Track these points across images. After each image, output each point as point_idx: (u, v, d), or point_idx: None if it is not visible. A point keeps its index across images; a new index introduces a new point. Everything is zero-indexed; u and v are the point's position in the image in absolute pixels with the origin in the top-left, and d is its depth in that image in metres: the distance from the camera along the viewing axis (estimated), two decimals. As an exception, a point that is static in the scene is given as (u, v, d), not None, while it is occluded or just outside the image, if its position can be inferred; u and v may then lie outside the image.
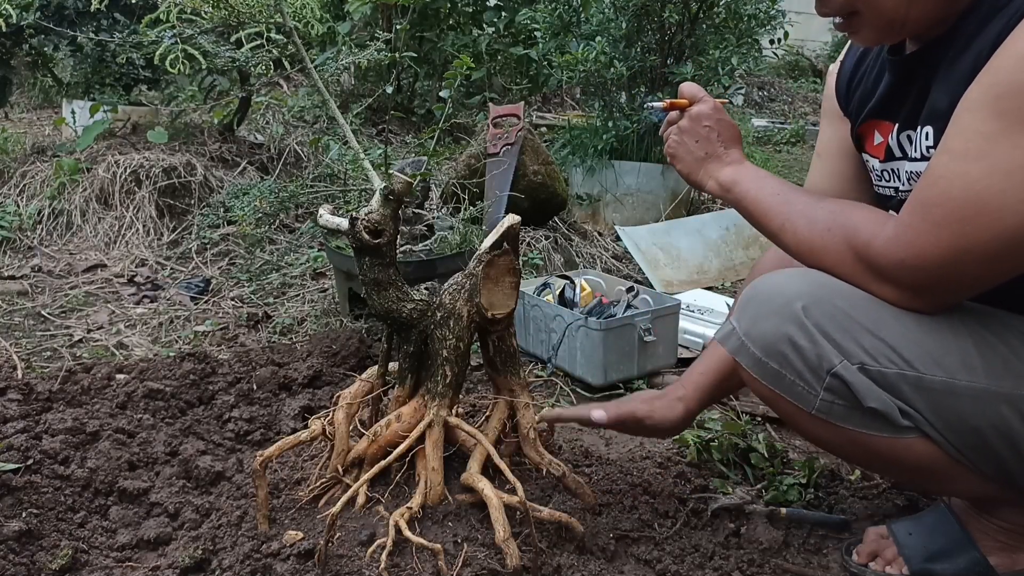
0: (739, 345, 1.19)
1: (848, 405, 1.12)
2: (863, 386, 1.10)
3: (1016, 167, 0.97)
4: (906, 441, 1.12)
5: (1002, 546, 1.25)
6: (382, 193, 1.35)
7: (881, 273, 1.09)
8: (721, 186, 1.29)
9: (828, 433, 1.17)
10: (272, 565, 1.27)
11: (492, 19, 4.76)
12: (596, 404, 1.49)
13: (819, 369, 1.11)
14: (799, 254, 1.20)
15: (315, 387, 2.01)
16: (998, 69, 1.00)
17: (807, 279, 1.17)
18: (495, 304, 1.36)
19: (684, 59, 3.47)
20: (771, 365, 1.15)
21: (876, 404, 1.10)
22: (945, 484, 1.22)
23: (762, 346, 1.16)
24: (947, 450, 1.12)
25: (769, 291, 1.19)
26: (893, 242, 1.07)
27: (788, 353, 1.13)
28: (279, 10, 1.91)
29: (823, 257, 1.16)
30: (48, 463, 1.57)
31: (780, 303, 1.15)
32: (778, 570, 1.37)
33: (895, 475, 1.49)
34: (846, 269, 1.13)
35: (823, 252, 1.15)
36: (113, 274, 3.00)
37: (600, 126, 3.58)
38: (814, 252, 1.17)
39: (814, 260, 1.17)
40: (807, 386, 1.13)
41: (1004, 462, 1.11)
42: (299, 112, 3.51)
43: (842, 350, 1.10)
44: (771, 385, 1.17)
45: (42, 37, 3.86)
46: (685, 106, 1.34)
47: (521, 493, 1.25)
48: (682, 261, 3.07)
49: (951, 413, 1.09)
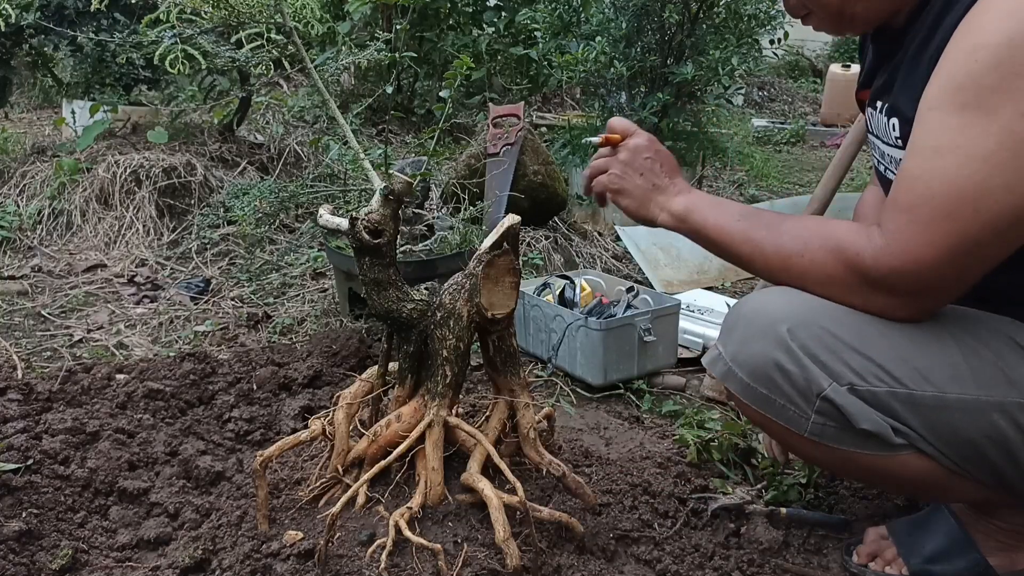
0: (727, 371, 1.19)
1: (840, 427, 1.11)
2: (854, 408, 1.09)
3: (990, 152, 0.97)
4: (901, 458, 1.12)
5: (1002, 546, 1.25)
6: (382, 193, 1.35)
7: (877, 284, 1.07)
8: (675, 216, 1.27)
9: (822, 454, 1.17)
10: (272, 565, 1.27)
11: (492, 19, 4.76)
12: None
13: (808, 393, 1.11)
14: (776, 275, 1.18)
15: (315, 387, 2.01)
16: (952, 63, 1.01)
17: (790, 300, 1.15)
18: (495, 304, 1.36)
19: (684, 59, 3.47)
20: (760, 390, 1.15)
21: (868, 425, 1.09)
22: (943, 494, 1.22)
23: (749, 371, 1.15)
24: (943, 463, 1.12)
25: (753, 314, 1.18)
26: (885, 251, 1.05)
27: (776, 378, 1.13)
28: (279, 10, 1.91)
29: (808, 276, 1.13)
30: (48, 463, 1.57)
31: (765, 326, 1.14)
32: (778, 570, 1.37)
33: (893, 489, 1.49)
34: (837, 286, 1.11)
35: (808, 271, 1.13)
36: (113, 274, 3.00)
37: (600, 126, 3.58)
38: (796, 273, 1.14)
39: (797, 280, 1.15)
40: (798, 410, 1.13)
41: (1001, 470, 1.11)
42: (299, 112, 3.50)
43: (830, 372, 1.10)
44: (761, 410, 1.16)
45: (42, 37, 3.85)
46: (618, 141, 1.32)
47: (521, 493, 1.25)
48: (682, 261, 3.07)
49: (944, 427, 1.09)
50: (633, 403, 2.05)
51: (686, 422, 1.86)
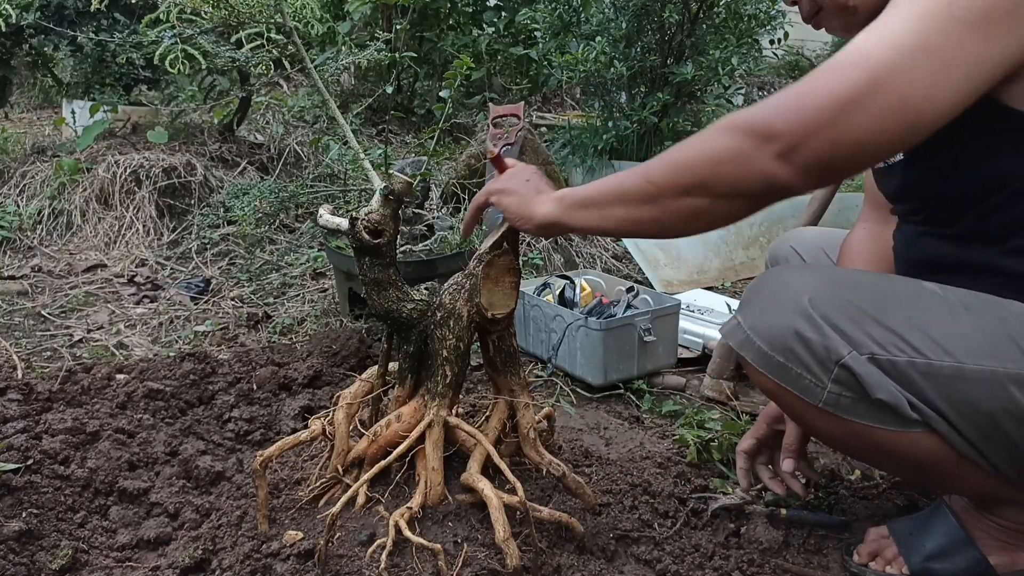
0: (744, 339, 1.18)
1: (855, 397, 1.11)
2: (872, 377, 1.09)
3: (913, 27, 0.95)
4: (912, 435, 1.12)
5: (1002, 545, 1.25)
6: (382, 193, 1.35)
7: (774, 133, 0.98)
8: (554, 199, 1.21)
9: (833, 427, 1.16)
10: (272, 565, 1.27)
11: (492, 19, 4.76)
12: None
13: (827, 361, 1.11)
14: (671, 187, 1.08)
15: (315, 387, 2.01)
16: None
17: (813, 273, 1.16)
18: (495, 304, 1.36)
19: (684, 59, 3.47)
20: (777, 359, 1.14)
21: (884, 396, 1.09)
22: (948, 482, 1.22)
23: (768, 340, 1.15)
24: (956, 443, 1.11)
25: (775, 285, 1.18)
26: (782, 97, 1.00)
27: (795, 347, 1.12)
28: (279, 10, 1.91)
29: (702, 164, 1.04)
30: (48, 463, 1.57)
31: (786, 296, 1.14)
32: (778, 570, 1.37)
33: (899, 471, 1.48)
34: (736, 159, 1.01)
35: (703, 159, 1.04)
36: (113, 274, 3.00)
37: (600, 126, 3.58)
38: (695, 163, 1.05)
39: (694, 177, 1.05)
40: (814, 379, 1.12)
41: (1017, 449, 1.11)
42: (299, 112, 3.50)
43: (851, 341, 1.10)
44: (777, 379, 1.16)
45: (42, 37, 3.86)
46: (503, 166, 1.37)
47: (521, 493, 1.25)
48: (682, 261, 3.07)
49: (963, 399, 1.09)
50: (633, 403, 2.05)
51: (686, 422, 1.86)
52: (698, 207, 1.07)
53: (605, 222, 1.15)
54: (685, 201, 1.07)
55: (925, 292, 1.15)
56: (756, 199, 1.05)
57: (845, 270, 1.22)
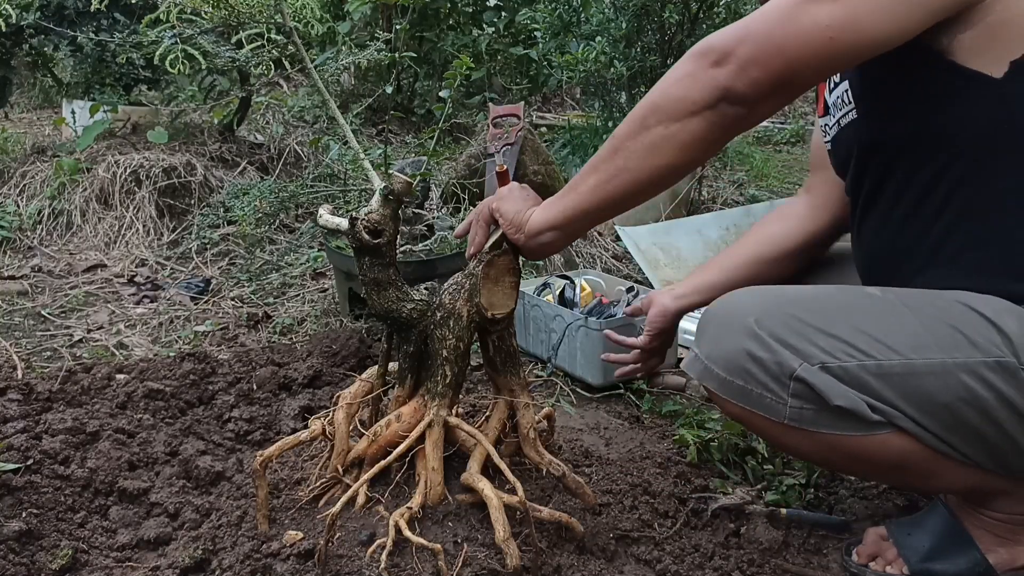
0: (703, 369, 1.21)
1: (816, 408, 1.13)
2: (827, 385, 1.11)
3: None
4: (880, 437, 1.13)
5: (1001, 542, 1.25)
6: (382, 193, 1.35)
7: (717, 46, 1.05)
8: (545, 205, 1.27)
9: (804, 442, 1.18)
10: (272, 565, 1.27)
11: (492, 19, 4.76)
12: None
13: (781, 376, 1.13)
14: (632, 119, 1.13)
15: (315, 387, 2.01)
16: None
17: (758, 293, 1.20)
18: (495, 304, 1.36)
19: (684, 59, 3.47)
20: (736, 383, 1.17)
21: (843, 402, 1.10)
22: (932, 481, 1.22)
23: (724, 366, 1.17)
24: (925, 440, 1.12)
25: (722, 312, 1.22)
26: (733, 25, 1.08)
27: (750, 367, 1.15)
28: (279, 10, 1.91)
29: (653, 93, 1.11)
30: (48, 463, 1.57)
31: (734, 321, 1.18)
32: (778, 570, 1.37)
33: (881, 478, 1.49)
34: (682, 77, 1.08)
35: (655, 90, 1.10)
36: (113, 274, 3.00)
37: (600, 126, 3.58)
38: (648, 96, 1.11)
39: (648, 106, 1.12)
40: (774, 396, 1.14)
41: (985, 437, 1.12)
42: (299, 112, 3.51)
43: (800, 353, 1.12)
44: (740, 403, 1.18)
45: (42, 37, 3.86)
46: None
47: (521, 493, 1.25)
48: (682, 261, 3.07)
49: (918, 394, 1.10)
50: (633, 403, 2.05)
51: (686, 422, 1.86)
52: (655, 138, 1.10)
53: (582, 198, 1.20)
54: (642, 137, 1.11)
55: (865, 296, 1.18)
56: (710, 118, 1.07)
57: (789, 288, 1.27)
